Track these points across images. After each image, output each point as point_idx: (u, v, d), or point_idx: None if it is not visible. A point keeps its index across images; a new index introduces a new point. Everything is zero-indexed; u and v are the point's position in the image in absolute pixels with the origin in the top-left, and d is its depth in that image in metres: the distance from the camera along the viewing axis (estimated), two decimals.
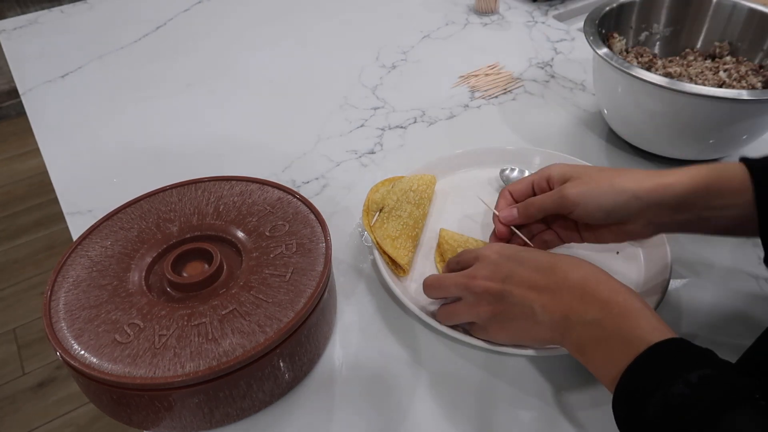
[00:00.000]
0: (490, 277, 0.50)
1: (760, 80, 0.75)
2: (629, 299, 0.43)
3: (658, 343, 0.39)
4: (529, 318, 0.47)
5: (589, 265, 0.47)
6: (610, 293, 0.44)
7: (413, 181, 0.68)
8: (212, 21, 1.13)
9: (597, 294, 0.44)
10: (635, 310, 0.43)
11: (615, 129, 0.81)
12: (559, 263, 0.48)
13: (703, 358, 0.39)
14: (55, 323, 0.49)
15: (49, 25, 1.12)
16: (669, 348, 0.39)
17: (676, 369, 0.38)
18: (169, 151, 0.82)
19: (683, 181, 0.51)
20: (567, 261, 0.48)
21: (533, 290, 0.47)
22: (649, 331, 0.41)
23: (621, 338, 0.41)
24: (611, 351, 0.42)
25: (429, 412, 0.51)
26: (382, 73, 0.97)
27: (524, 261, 0.49)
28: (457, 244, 0.61)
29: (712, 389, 0.36)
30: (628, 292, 0.44)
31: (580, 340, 0.44)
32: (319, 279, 0.52)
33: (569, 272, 0.46)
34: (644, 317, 0.42)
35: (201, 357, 0.46)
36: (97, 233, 0.57)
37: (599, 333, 0.43)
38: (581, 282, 0.45)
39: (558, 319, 0.45)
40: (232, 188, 0.61)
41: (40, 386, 1.51)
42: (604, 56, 0.70)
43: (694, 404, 0.36)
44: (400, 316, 0.59)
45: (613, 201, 0.52)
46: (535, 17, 1.12)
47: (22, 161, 2.23)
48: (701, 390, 0.36)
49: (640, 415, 0.38)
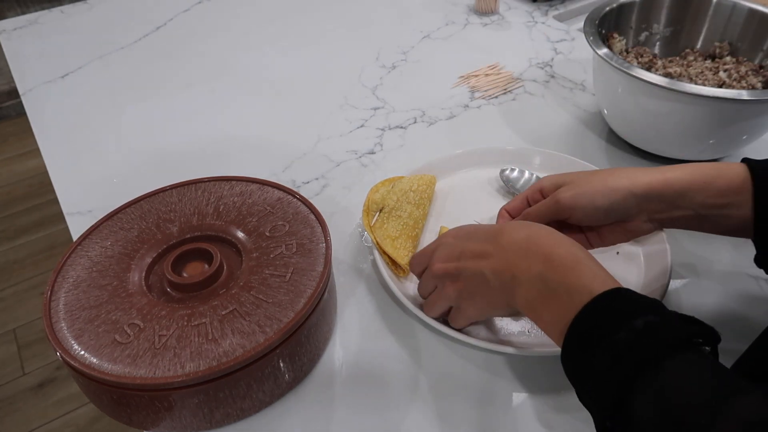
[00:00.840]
0: (446, 259, 0.51)
1: (760, 80, 0.75)
2: (571, 251, 0.43)
3: (603, 293, 0.39)
4: (484, 286, 0.48)
5: (537, 226, 0.47)
6: (551, 247, 0.44)
7: (413, 182, 0.68)
8: (212, 21, 1.13)
9: (539, 249, 0.44)
10: (577, 260, 0.42)
11: (615, 129, 0.81)
12: (506, 227, 0.48)
13: (648, 306, 0.39)
14: (55, 323, 0.49)
15: (49, 26, 1.12)
16: (614, 297, 0.39)
17: (622, 316, 0.38)
18: (169, 152, 0.82)
19: (681, 177, 0.51)
20: (512, 225, 0.49)
21: (483, 258, 0.47)
22: (592, 280, 0.41)
23: (565, 290, 0.41)
24: (557, 304, 0.41)
25: (429, 412, 0.51)
26: (382, 73, 0.97)
27: (474, 235, 0.50)
28: None
29: (656, 334, 0.36)
30: (571, 244, 0.44)
31: (528, 297, 0.44)
32: (319, 279, 0.52)
33: (513, 233, 0.47)
34: (587, 267, 0.42)
35: (201, 357, 0.46)
36: (97, 233, 0.57)
37: (544, 287, 0.43)
38: (525, 240, 0.45)
39: (507, 279, 0.45)
40: (232, 188, 0.62)
41: (40, 386, 1.51)
42: (604, 56, 0.70)
43: (639, 349, 0.36)
44: (400, 317, 0.59)
45: (609, 200, 0.52)
46: (535, 17, 1.12)
47: (22, 162, 2.23)
48: (645, 335, 0.36)
49: (587, 365, 0.38)
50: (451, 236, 0.52)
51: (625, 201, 0.52)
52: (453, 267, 0.50)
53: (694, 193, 0.50)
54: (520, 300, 0.45)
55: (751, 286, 0.61)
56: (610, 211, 0.53)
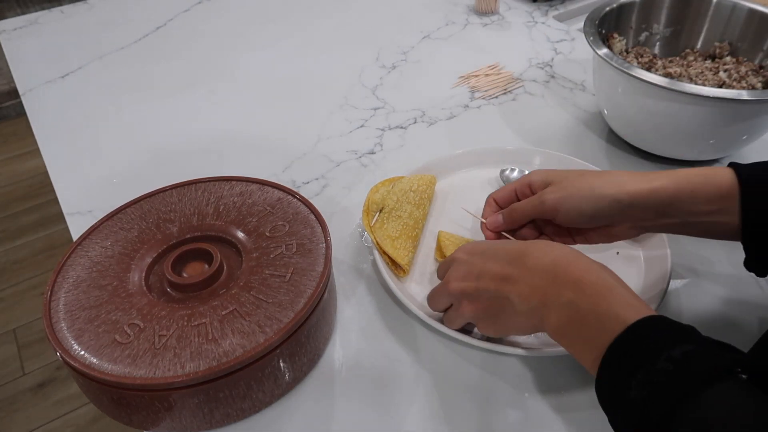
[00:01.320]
0: (465, 278, 0.50)
1: (760, 80, 0.75)
2: (602, 277, 0.43)
3: (638, 321, 0.39)
4: (509, 309, 0.47)
5: (560, 248, 0.47)
6: (581, 273, 0.43)
7: (413, 182, 0.68)
8: (212, 21, 1.13)
9: (569, 275, 0.43)
10: (609, 287, 0.42)
11: (615, 129, 0.81)
12: (529, 250, 0.47)
13: (684, 334, 0.38)
14: (55, 323, 0.49)
15: (49, 26, 1.12)
16: (649, 325, 0.39)
17: (659, 346, 0.37)
18: (169, 151, 0.82)
19: (667, 186, 0.50)
20: (537, 247, 0.48)
21: (507, 282, 0.47)
22: (625, 308, 0.40)
23: (597, 318, 0.41)
24: (589, 332, 0.41)
25: (429, 412, 0.51)
26: (383, 73, 0.97)
27: (495, 254, 0.49)
28: (458, 242, 0.62)
29: (694, 364, 0.36)
30: (601, 270, 0.44)
31: (558, 324, 0.43)
32: (319, 279, 0.52)
33: (540, 258, 0.46)
34: (618, 294, 0.41)
35: (201, 357, 0.46)
36: (97, 233, 0.57)
37: (575, 315, 0.42)
38: (552, 265, 0.45)
39: (535, 305, 0.45)
40: (232, 188, 0.61)
41: (41, 387, 1.51)
42: (604, 56, 0.70)
43: (678, 380, 0.35)
44: (400, 317, 0.59)
45: (593, 206, 0.52)
46: (535, 17, 1.12)
47: (22, 162, 2.23)
48: (684, 366, 0.36)
49: (624, 395, 0.37)
50: (466, 253, 0.51)
51: (610, 209, 0.51)
52: (472, 287, 0.49)
53: (681, 202, 0.50)
54: (550, 327, 0.44)
55: (752, 287, 0.61)
56: (594, 217, 0.52)
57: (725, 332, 0.57)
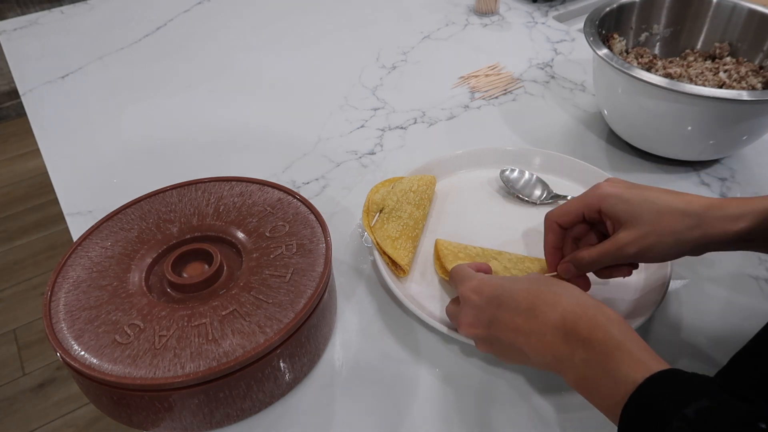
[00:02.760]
0: (475, 323, 0.49)
1: (760, 81, 0.75)
2: (609, 333, 0.42)
3: (647, 380, 0.38)
4: (524, 357, 0.47)
5: (567, 297, 0.46)
6: (589, 331, 0.43)
7: (413, 182, 0.68)
8: (212, 22, 1.13)
9: (577, 334, 0.43)
10: (617, 345, 0.41)
11: (615, 129, 0.81)
12: (537, 303, 0.46)
13: (697, 389, 0.37)
14: (56, 324, 0.49)
15: (49, 26, 1.12)
16: (660, 383, 0.38)
17: (672, 405, 0.36)
18: (169, 152, 0.82)
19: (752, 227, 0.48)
20: (544, 299, 0.46)
21: (519, 334, 0.46)
22: (634, 367, 0.39)
23: (609, 378, 0.40)
24: (605, 390, 0.41)
25: (429, 412, 0.51)
26: (383, 73, 0.97)
27: (503, 304, 0.48)
28: (457, 250, 0.61)
29: (712, 423, 0.35)
30: (608, 323, 0.43)
31: (575, 380, 0.43)
32: (319, 280, 0.52)
33: (548, 313, 0.45)
34: (626, 351, 0.41)
35: (201, 358, 0.46)
36: (97, 234, 0.57)
37: (590, 372, 0.42)
38: (560, 323, 0.44)
39: (550, 360, 0.45)
40: (232, 189, 0.61)
41: (41, 387, 1.51)
42: (605, 57, 0.70)
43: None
44: (400, 317, 0.59)
45: (677, 252, 0.50)
46: (535, 18, 1.12)
47: (22, 162, 2.23)
48: (700, 425, 0.35)
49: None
50: (477, 294, 0.50)
51: (693, 250, 0.50)
52: (484, 334, 0.49)
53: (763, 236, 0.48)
54: (569, 381, 0.44)
55: (752, 287, 0.61)
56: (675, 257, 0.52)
57: (725, 333, 0.57)
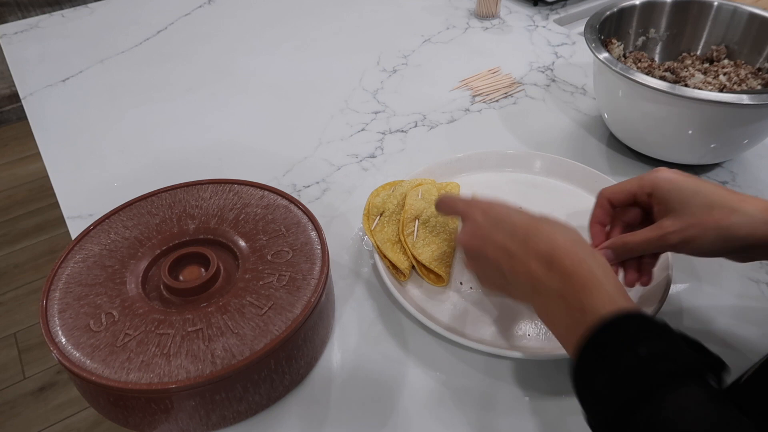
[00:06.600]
0: (472, 236, 0.51)
1: (759, 83, 0.75)
2: (591, 269, 0.43)
3: (613, 316, 0.39)
4: (501, 280, 0.49)
5: (562, 233, 0.47)
6: (573, 265, 0.44)
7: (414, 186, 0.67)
8: (213, 25, 1.13)
9: (561, 265, 0.44)
10: (596, 282, 0.42)
11: (615, 133, 0.81)
12: (532, 233, 0.47)
13: (655, 332, 0.38)
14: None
15: (49, 30, 1.12)
16: (622, 320, 0.39)
17: (626, 342, 0.38)
18: (169, 155, 0.82)
19: None
20: (541, 229, 0.47)
21: (505, 254, 0.48)
22: (606, 302, 0.41)
23: (580, 309, 0.42)
24: (572, 321, 0.42)
25: (428, 416, 0.51)
26: (383, 77, 0.97)
27: (501, 223, 0.50)
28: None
29: (658, 364, 0.36)
30: (593, 262, 0.44)
31: (545, 308, 0.45)
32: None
33: (539, 243, 0.46)
34: (603, 289, 0.42)
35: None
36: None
37: (562, 302, 0.43)
38: (548, 253, 0.45)
39: (523, 283, 0.46)
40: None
41: (41, 391, 1.51)
42: (605, 61, 0.70)
43: (639, 379, 0.36)
44: (400, 321, 0.59)
45: (721, 247, 0.49)
46: (536, 21, 1.12)
47: (22, 166, 2.23)
48: (648, 365, 0.36)
49: (590, 386, 0.38)
50: (482, 213, 0.52)
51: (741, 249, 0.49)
52: (476, 247, 0.51)
53: None
54: (537, 308, 0.46)
55: (752, 290, 0.61)
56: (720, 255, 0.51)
57: (726, 335, 0.57)
